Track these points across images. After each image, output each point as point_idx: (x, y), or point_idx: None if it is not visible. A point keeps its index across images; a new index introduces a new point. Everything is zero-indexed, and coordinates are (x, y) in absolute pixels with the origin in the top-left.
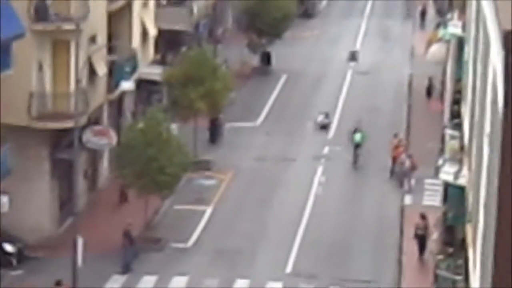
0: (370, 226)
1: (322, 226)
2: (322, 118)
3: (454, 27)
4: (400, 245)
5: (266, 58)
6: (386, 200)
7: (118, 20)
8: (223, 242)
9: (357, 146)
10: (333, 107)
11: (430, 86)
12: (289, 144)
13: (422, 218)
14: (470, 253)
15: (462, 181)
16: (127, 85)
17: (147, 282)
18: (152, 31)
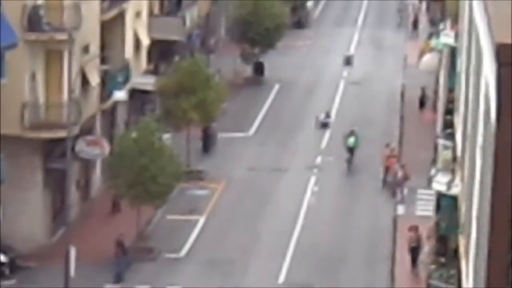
0: (363, 236)
1: (315, 236)
2: (323, 116)
3: (446, 37)
4: (392, 255)
5: (259, 68)
6: (379, 210)
7: (111, 30)
8: (216, 252)
9: (351, 150)
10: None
11: (423, 96)
12: (281, 154)
13: (415, 230)
14: (463, 264)
15: (454, 191)
16: (120, 95)
17: None
18: (145, 41)
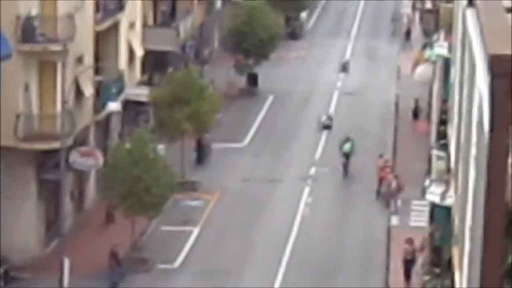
0: (357, 247)
1: (309, 247)
2: (325, 119)
3: (440, 48)
4: (387, 265)
5: (253, 79)
6: (373, 221)
7: (105, 41)
8: (210, 263)
9: (346, 155)
10: (319, 128)
11: (416, 108)
12: (276, 164)
13: (410, 243)
14: (457, 275)
15: (448, 201)
16: (114, 106)
17: None
18: (139, 52)
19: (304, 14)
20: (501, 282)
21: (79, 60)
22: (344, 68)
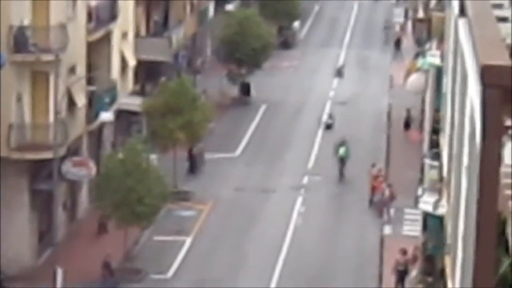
0: (350, 256)
1: (302, 256)
2: (326, 118)
3: (432, 57)
4: (380, 275)
5: (246, 89)
6: (366, 230)
7: (97, 50)
8: (203, 273)
9: (342, 160)
10: (312, 137)
11: (408, 118)
12: (268, 174)
13: (403, 253)
14: (449, 285)
15: (441, 211)
16: (107, 115)
17: None
18: (131, 62)
19: (296, 24)
20: None
21: (72, 70)
22: (339, 73)
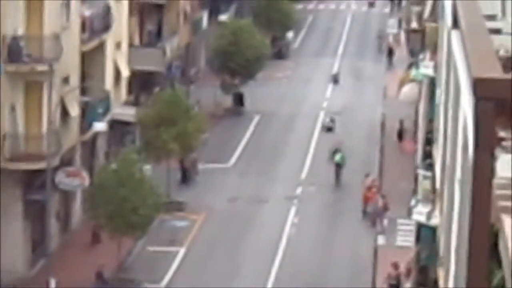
0: (344, 267)
1: (296, 266)
2: (328, 121)
3: (426, 68)
4: (373, 285)
5: (239, 99)
6: (359, 240)
7: (91, 61)
8: (196, 283)
9: (337, 166)
10: (306, 148)
11: (401, 129)
12: (262, 184)
13: (395, 267)
14: None
15: (435, 221)
16: (100, 126)
17: None
18: (125, 72)
19: (290, 34)
20: None
21: (65, 80)
22: (335, 80)
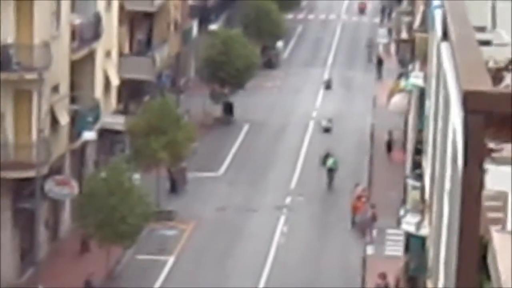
0: (333, 276)
1: (285, 276)
2: (325, 122)
3: (415, 78)
4: None
5: (229, 108)
6: (348, 250)
7: (80, 69)
8: None
9: (330, 170)
10: (295, 157)
11: (390, 140)
12: (251, 194)
13: (382, 278)
14: None
15: (424, 231)
16: (89, 134)
17: None
18: (114, 81)
19: (280, 43)
20: None
21: (55, 88)
22: (327, 85)
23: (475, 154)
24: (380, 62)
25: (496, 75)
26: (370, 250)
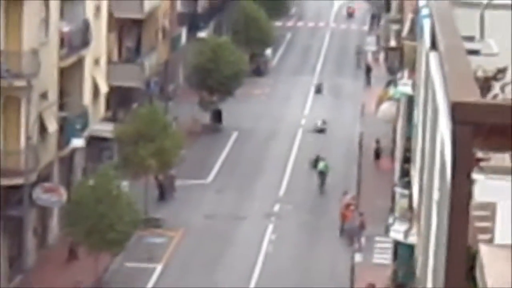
0: (321, 284)
1: (273, 284)
2: (320, 123)
3: (404, 86)
4: None
5: (217, 116)
6: (337, 258)
7: (69, 76)
8: None
9: (321, 173)
10: (284, 165)
11: (378, 149)
12: (240, 201)
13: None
14: None
15: (412, 239)
16: (78, 142)
17: None
18: (103, 88)
19: (269, 51)
20: None
21: (43, 96)
22: (318, 89)
23: (464, 165)
24: (368, 69)
25: (484, 85)
26: (358, 258)
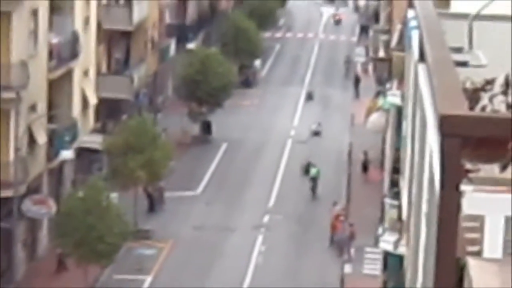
0: None
1: None
2: (315, 126)
3: (393, 97)
4: None
5: (206, 127)
6: (326, 269)
7: (58, 88)
8: None
9: (313, 179)
10: (273, 176)
11: (365, 160)
12: (229, 213)
13: None
14: None
15: (401, 250)
16: (67, 154)
17: None
18: (92, 100)
19: (257, 62)
20: None
21: (33, 107)
22: (309, 97)
23: (452, 177)
24: (357, 80)
25: (472, 96)
26: (348, 268)
